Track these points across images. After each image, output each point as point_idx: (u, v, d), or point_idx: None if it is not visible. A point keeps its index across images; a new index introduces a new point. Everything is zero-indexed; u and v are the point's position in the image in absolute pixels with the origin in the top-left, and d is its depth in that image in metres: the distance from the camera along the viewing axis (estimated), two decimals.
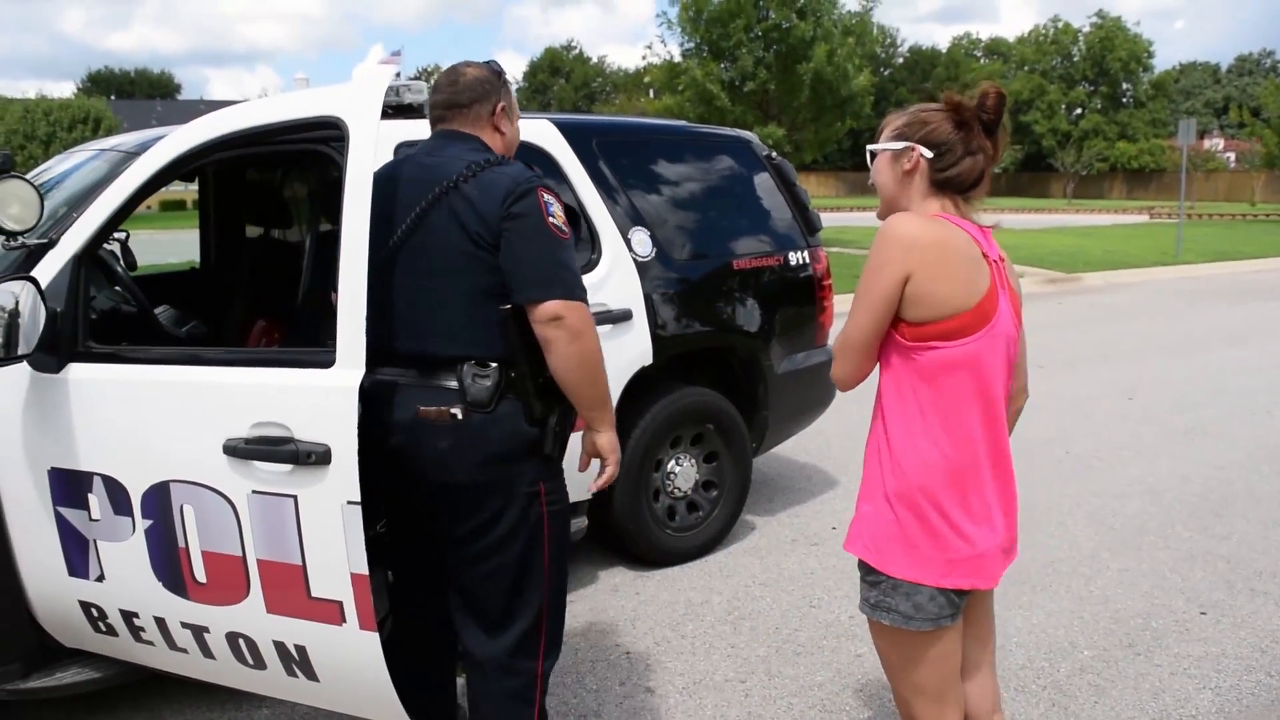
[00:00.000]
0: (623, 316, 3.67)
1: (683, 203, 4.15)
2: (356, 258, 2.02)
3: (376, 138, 2.11)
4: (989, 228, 1.96)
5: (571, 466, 2.29)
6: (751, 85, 21.18)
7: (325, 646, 2.20)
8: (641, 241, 3.85)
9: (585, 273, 3.44)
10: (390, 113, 3.19)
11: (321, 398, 2.06)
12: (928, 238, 1.81)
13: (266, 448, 2.10)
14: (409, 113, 3.28)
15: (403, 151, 3.12)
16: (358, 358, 2.04)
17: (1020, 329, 1.98)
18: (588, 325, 2.08)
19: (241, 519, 2.17)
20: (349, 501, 2.04)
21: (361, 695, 2.26)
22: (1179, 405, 6.84)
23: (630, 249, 3.78)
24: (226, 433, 2.14)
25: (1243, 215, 32.91)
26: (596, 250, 3.70)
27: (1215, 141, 57.83)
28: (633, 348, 3.71)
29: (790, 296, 4.41)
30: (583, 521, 3.72)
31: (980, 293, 1.83)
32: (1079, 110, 55.29)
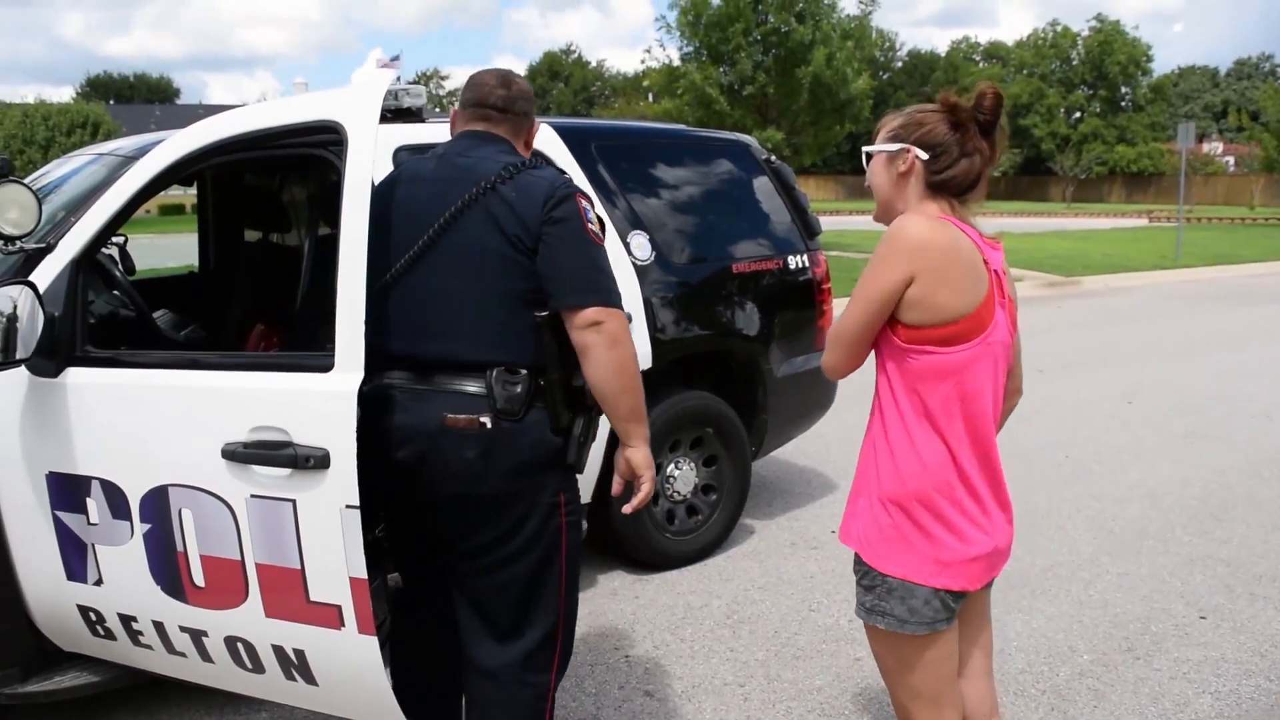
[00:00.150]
0: None
1: (682, 206, 4.15)
2: (355, 262, 2.02)
3: (375, 142, 2.12)
4: (995, 239, 1.94)
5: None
6: (750, 89, 21.25)
7: (324, 650, 2.19)
8: (640, 245, 3.85)
9: None
10: (389, 117, 3.20)
11: (320, 402, 2.06)
12: (938, 243, 1.80)
13: (265, 452, 2.10)
14: (408, 117, 3.28)
15: (403, 156, 3.13)
16: (356, 362, 2.03)
17: (1015, 334, 1.98)
18: (626, 333, 2.04)
19: (240, 523, 2.17)
20: (348, 505, 2.04)
21: (360, 699, 2.25)
22: (1179, 409, 6.85)
23: (629, 253, 3.78)
24: (225, 437, 2.14)
25: (1242, 219, 32.93)
26: None
27: (1214, 145, 57.82)
28: None
29: (789, 300, 4.41)
30: (582, 525, 3.71)
31: (978, 301, 1.83)
32: (1078, 114, 55.30)
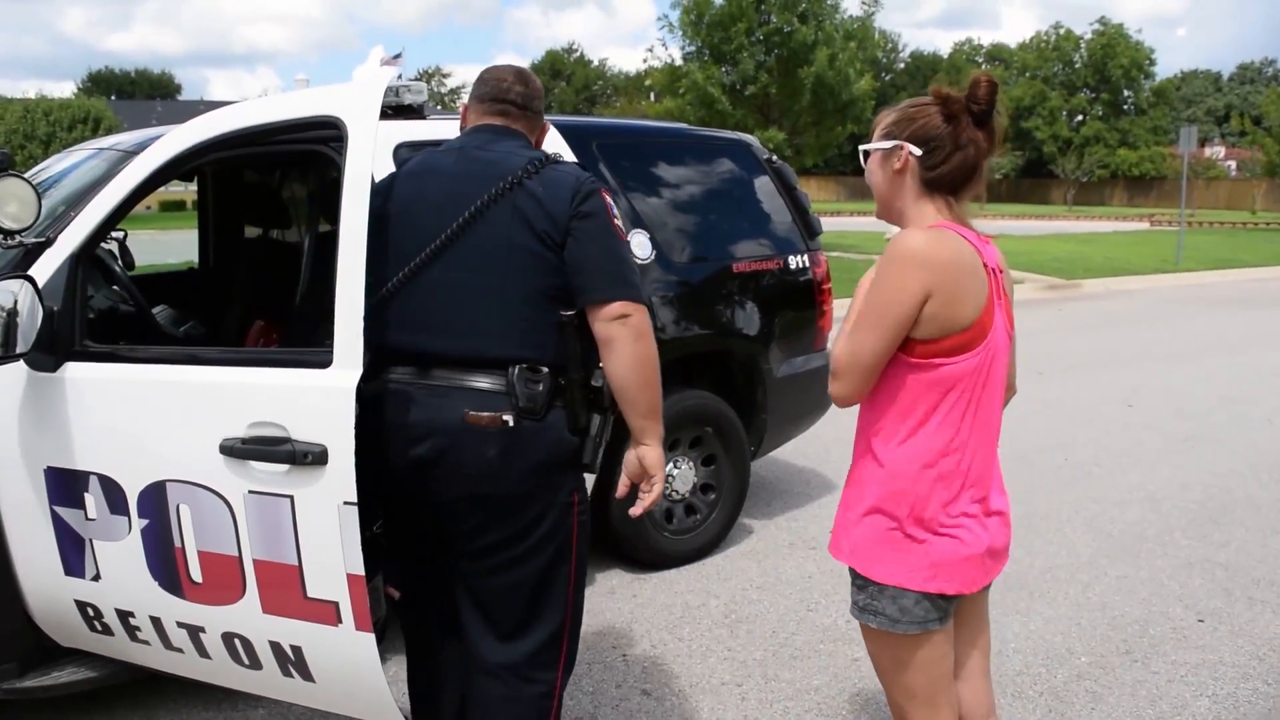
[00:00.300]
0: None
1: (683, 206, 4.15)
2: (354, 258, 2.01)
3: (375, 138, 2.11)
4: (989, 237, 1.92)
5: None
6: (752, 89, 21.25)
7: (321, 647, 2.19)
8: (641, 244, 3.84)
9: None
10: (390, 113, 3.20)
11: (319, 398, 2.05)
12: (943, 258, 1.77)
13: (263, 448, 2.09)
14: (409, 113, 3.28)
15: (404, 152, 3.13)
16: (355, 358, 2.03)
17: (1012, 332, 1.97)
18: (649, 328, 2.03)
19: (238, 519, 2.16)
20: (345, 502, 2.03)
21: (357, 696, 2.25)
22: (1179, 413, 6.85)
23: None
24: (223, 432, 2.14)
25: (1243, 223, 32.94)
26: None
27: (1216, 149, 57.88)
28: None
29: (790, 300, 4.41)
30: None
31: (981, 307, 1.82)
32: (1080, 117, 55.28)
